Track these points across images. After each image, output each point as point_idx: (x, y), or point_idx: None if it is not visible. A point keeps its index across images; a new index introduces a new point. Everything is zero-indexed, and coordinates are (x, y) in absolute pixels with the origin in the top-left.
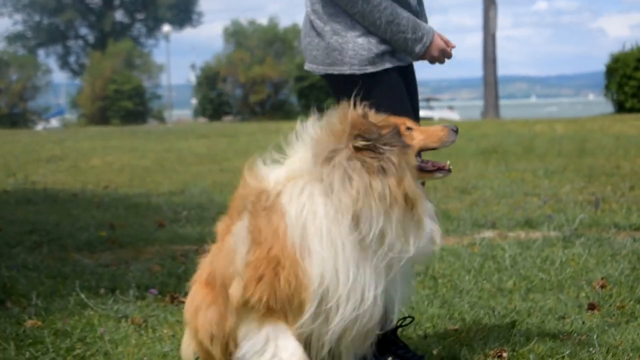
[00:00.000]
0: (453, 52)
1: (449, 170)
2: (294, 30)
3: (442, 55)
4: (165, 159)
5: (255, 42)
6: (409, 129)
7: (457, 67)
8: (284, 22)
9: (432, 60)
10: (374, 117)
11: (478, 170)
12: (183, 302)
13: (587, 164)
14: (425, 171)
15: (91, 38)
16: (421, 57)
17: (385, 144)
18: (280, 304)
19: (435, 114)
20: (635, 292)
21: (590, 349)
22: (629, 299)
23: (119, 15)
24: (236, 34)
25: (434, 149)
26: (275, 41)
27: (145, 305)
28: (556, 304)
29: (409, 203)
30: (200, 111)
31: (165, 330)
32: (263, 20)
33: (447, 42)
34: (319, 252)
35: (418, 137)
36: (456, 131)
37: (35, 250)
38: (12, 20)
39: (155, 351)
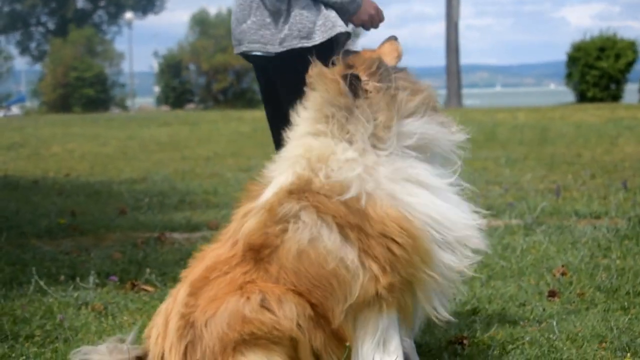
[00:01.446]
0: (421, 42)
1: None
2: None
3: (370, 20)
4: (127, 147)
5: (222, 31)
6: None
7: (420, 56)
8: None
9: (361, 24)
10: (362, 57)
11: None
12: (143, 289)
13: (548, 153)
14: None
15: (52, 25)
16: (353, 18)
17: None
18: (405, 277)
19: None
20: (595, 280)
21: (550, 335)
22: (589, 286)
23: (81, 2)
24: (202, 23)
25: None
26: None
27: (105, 292)
28: (517, 291)
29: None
30: (162, 99)
31: (125, 317)
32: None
33: (377, 10)
34: (414, 198)
35: (390, 60)
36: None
37: None
38: None
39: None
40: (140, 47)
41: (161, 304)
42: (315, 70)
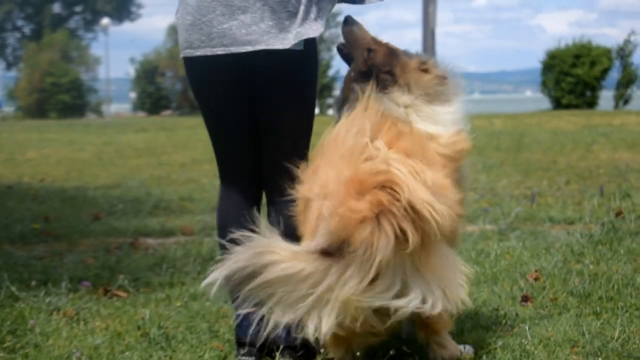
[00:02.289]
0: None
1: None
2: None
3: None
4: (103, 153)
5: None
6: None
7: None
8: None
9: None
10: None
11: None
12: (116, 295)
13: (524, 159)
14: None
15: (28, 30)
16: None
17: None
18: None
19: None
20: (568, 285)
21: (523, 340)
22: (562, 291)
23: (57, 8)
24: None
25: None
26: None
27: (77, 298)
28: (490, 296)
29: None
30: (139, 105)
31: (97, 323)
32: None
33: None
34: None
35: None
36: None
37: None
38: None
39: (87, 343)
40: (117, 53)
41: (133, 309)
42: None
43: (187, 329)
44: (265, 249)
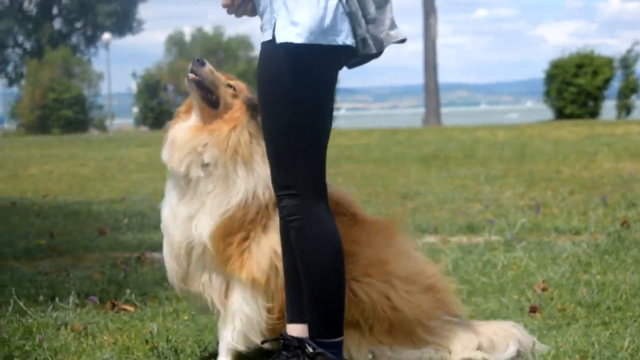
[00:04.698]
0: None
1: None
2: (238, 39)
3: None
4: (106, 167)
5: (198, 51)
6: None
7: (399, 75)
8: (229, 32)
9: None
10: None
11: (420, 176)
12: (123, 309)
13: (527, 170)
14: None
15: (29, 46)
16: None
17: None
18: None
19: None
20: (576, 295)
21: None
22: (570, 301)
23: (58, 24)
24: (179, 43)
25: None
26: (218, 50)
27: (85, 313)
28: (498, 307)
29: None
30: (141, 120)
31: (105, 337)
32: (208, 29)
33: None
34: None
35: None
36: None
37: None
38: None
39: (95, 358)
40: (119, 68)
41: (141, 323)
42: None
43: (196, 342)
44: None
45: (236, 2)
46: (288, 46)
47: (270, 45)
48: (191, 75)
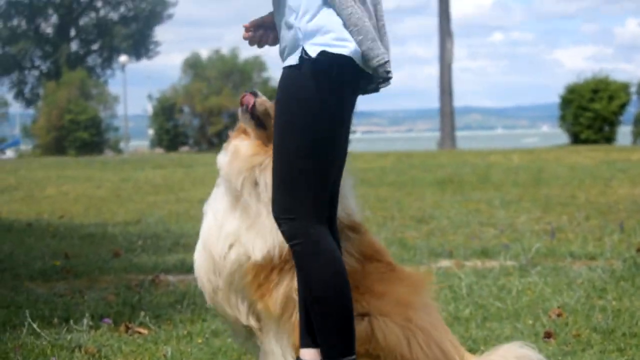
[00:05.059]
0: (419, 84)
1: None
2: (255, 62)
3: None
4: (121, 189)
5: (214, 73)
6: None
7: (414, 98)
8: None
9: None
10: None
11: (434, 200)
12: (137, 332)
13: (543, 194)
14: None
15: (46, 68)
16: None
17: None
18: None
19: None
20: (591, 321)
21: None
22: (585, 327)
23: (75, 45)
24: (195, 65)
25: None
26: (234, 72)
27: (99, 335)
28: (513, 333)
29: None
30: (156, 142)
31: None
32: (225, 51)
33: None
34: None
35: None
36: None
37: None
38: None
39: None
40: (134, 90)
41: (154, 346)
42: None
43: None
44: None
45: (257, 35)
46: (316, 68)
47: (295, 70)
48: (245, 107)
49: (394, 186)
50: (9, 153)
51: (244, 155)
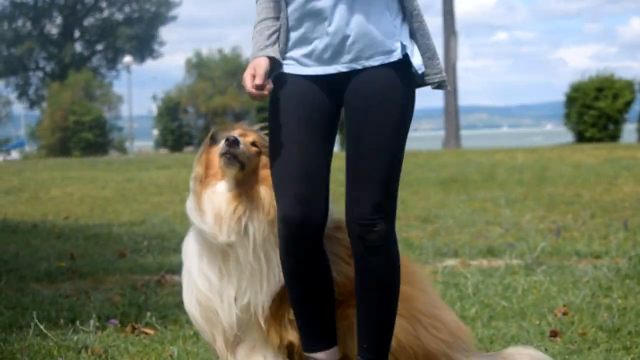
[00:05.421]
0: None
1: None
2: None
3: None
4: (126, 190)
5: (218, 73)
6: None
7: (418, 97)
8: (247, 53)
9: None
10: None
11: (439, 199)
12: (144, 332)
13: (547, 193)
14: None
15: (50, 69)
16: None
17: None
18: None
19: None
20: (597, 319)
21: None
22: (591, 325)
23: (79, 46)
24: (199, 65)
25: None
26: (238, 71)
27: (105, 336)
28: (518, 332)
29: None
30: (161, 142)
31: None
32: (228, 51)
33: (252, 76)
34: None
35: None
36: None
37: None
38: None
39: None
40: (139, 91)
41: (161, 347)
42: None
43: None
44: None
45: (266, 90)
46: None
47: (402, 67)
48: (228, 156)
49: (399, 185)
50: (14, 154)
51: (227, 214)
